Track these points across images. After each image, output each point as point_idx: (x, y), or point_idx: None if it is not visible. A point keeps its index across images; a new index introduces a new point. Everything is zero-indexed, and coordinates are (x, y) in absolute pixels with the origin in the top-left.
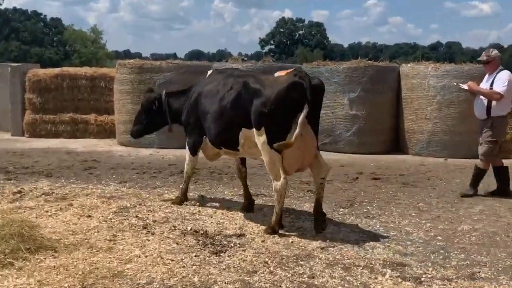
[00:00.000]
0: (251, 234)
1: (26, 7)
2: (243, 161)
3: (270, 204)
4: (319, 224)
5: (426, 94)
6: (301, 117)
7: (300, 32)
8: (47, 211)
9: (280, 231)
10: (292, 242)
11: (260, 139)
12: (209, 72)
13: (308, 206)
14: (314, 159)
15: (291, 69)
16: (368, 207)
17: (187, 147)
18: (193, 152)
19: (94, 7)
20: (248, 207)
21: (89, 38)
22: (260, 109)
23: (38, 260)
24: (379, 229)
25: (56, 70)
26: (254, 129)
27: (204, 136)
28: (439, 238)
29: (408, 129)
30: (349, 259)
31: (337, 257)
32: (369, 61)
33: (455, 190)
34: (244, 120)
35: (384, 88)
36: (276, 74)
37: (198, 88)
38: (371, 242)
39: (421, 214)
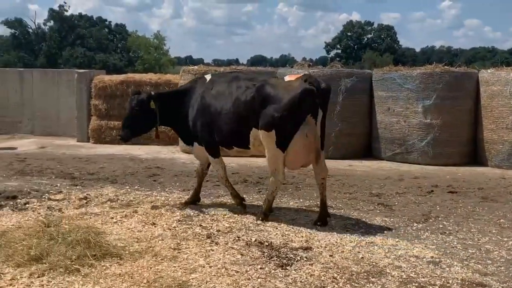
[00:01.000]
0: (318, 248)
1: (91, 13)
2: (208, 165)
3: (338, 216)
4: (321, 220)
5: (507, 102)
6: (319, 120)
7: (369, 35)
8: (112, 218)
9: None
10: (362, 257)
11: (268, 139)
12: (208, 76)
13: (379, 220)
14: (317, 159)
15: (301, 74)
16: (445, 223)
17: (207, 152)
18: (214, 155)
19: (158, 13)
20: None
21: (153, 44)
22: (273, 113)
23: (104, 267)
24: (456, 246)
25: (121, 77)
26: (262, 130)
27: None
28: None
29: (488, 140)
30: (424, 277)
31: (411, 275)
32: (445, 67)
33: None
34: (256, 121)
35: (462, 95)
36: (287, 78)
37: (204, 90)
38: (448, 260)
39: (503, 231)
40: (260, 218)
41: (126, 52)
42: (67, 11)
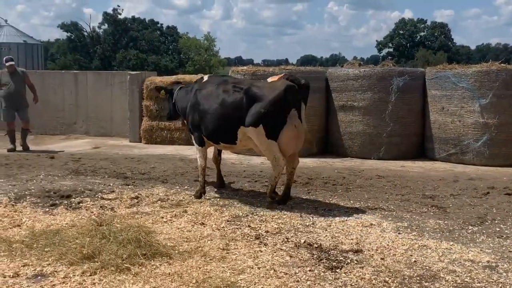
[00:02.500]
0: (369, 251)
1: (143, 16)
2: (219, 151)
3: (390, 219)
4: (280, 201)
5: None
6: (302, 113)
7: (422, 33)
8: (162, 217)
9: None
10: (415, 261)
11: (258, 133)
12: (206, 77)
13: (432, 223)
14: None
15: (282, 74)
16: (502, 226)
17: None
18: (200, 144)
19: (208, 15)
20: (220, 185)
21: (203, 45)
22: (259, 110)
23: (154, 267)
24: None
25: (172, 78)
26: (251, 127)
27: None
28: None
29: None
30: (479, 282)
31: (466, 279)
32: (502, 64)
33: None
34: (244, 119)
35: None
36: (269, 80)
37: (198, 89)
38: (505, 265)
39: None
40: (269, 202)
41: (177, 54)
42: (120, 14)
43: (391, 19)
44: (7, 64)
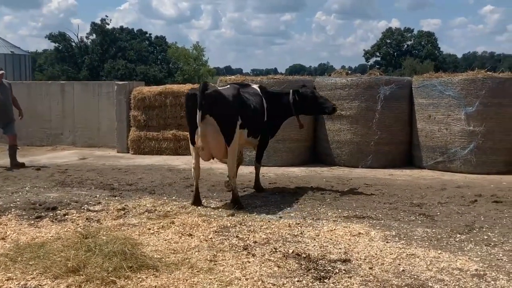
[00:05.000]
0: (357, 260)
1: (132, 26)
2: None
3: (378, 227)
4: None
5: None
6: (198, 119)
7: (409, 42)
8: (149, 229)
9: None
10: (403, 270)
11: None
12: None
13: (420, 231)
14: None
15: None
16: (489, 234)
17: None
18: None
19: (197, 25)
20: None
21: (192, 55)
22: None
23: (140, 279)
24: (502, 258)
25: (160, 88)
26: None
27: None
28: None
29: None
30: None
31: None
32: (488, 73)
33: None
34: None
35: (506, 101)
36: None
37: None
38: (493, 273)
39: None
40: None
41: (166, 64)
42: (108, 24)
43: (378, 28)
44: None
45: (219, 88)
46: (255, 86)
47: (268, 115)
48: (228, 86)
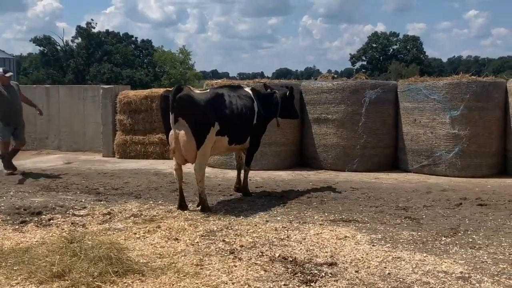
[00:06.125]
0: (343, 263)
1: (118, 30)
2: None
3: (364, 231)
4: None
5: None
6: (171, 120)
7: (394, 46)
8: (135, 233)
9: None
10: (389, 273)
11: None
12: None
13: (406, 234)
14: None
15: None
16: (474, 236)
17: None
18: None
19: (183, 28)
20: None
21: (178, 59)
22: None
23: (126, 284)
24: (486, 261)
25: (146, 92)
26: None
27: None
28: None
29: None
30: None
31: None
32: (472, 77)
33: None
34: None
35: (490, 105)
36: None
37: None
38: (478, 276)
39: None
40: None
41: (152, 67)
42: (94, 28)
43: (364, 32)
44: (7, 75)
45: (197, 91)
46: (247, 89)
47: (259, 118)
48: (208, 90)
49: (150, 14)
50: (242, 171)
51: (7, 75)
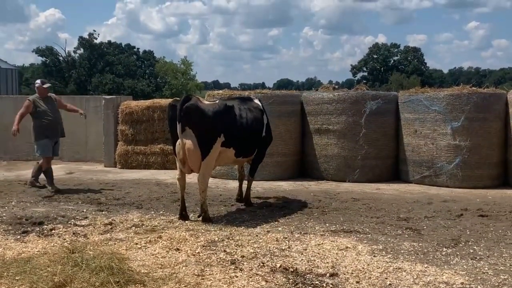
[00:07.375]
0: (344, 274)
1: (120, 41)
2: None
3: (365, 241)
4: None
5: None
6: (178, 130)
7: (395, 58)
8: (136, 244)
9: None
10: (390, 284)
11: None
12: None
13: (407, 245)
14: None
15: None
16: (475, 247)
17: None
18: None
19: (185, 39)
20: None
21: (180, 70)
22: None
23: None
24: (487, 272)
25: (148, 102)
26: None
27: None
28: None
29: None
30: None
31: None
32: (473, 88)
33: None
34: None
35: (491, 116)
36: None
37: None
38: (478, 287)
39: None
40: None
41: (154, 78)
42: (96, 39)
43: (365, 43)
44: (45, 86)
45: (206, 102)
46: (257, 101)
47: (268, 130)
48: (217, 101)
49: (151, 25)
50: (244, 182)
51: (45, 86)
